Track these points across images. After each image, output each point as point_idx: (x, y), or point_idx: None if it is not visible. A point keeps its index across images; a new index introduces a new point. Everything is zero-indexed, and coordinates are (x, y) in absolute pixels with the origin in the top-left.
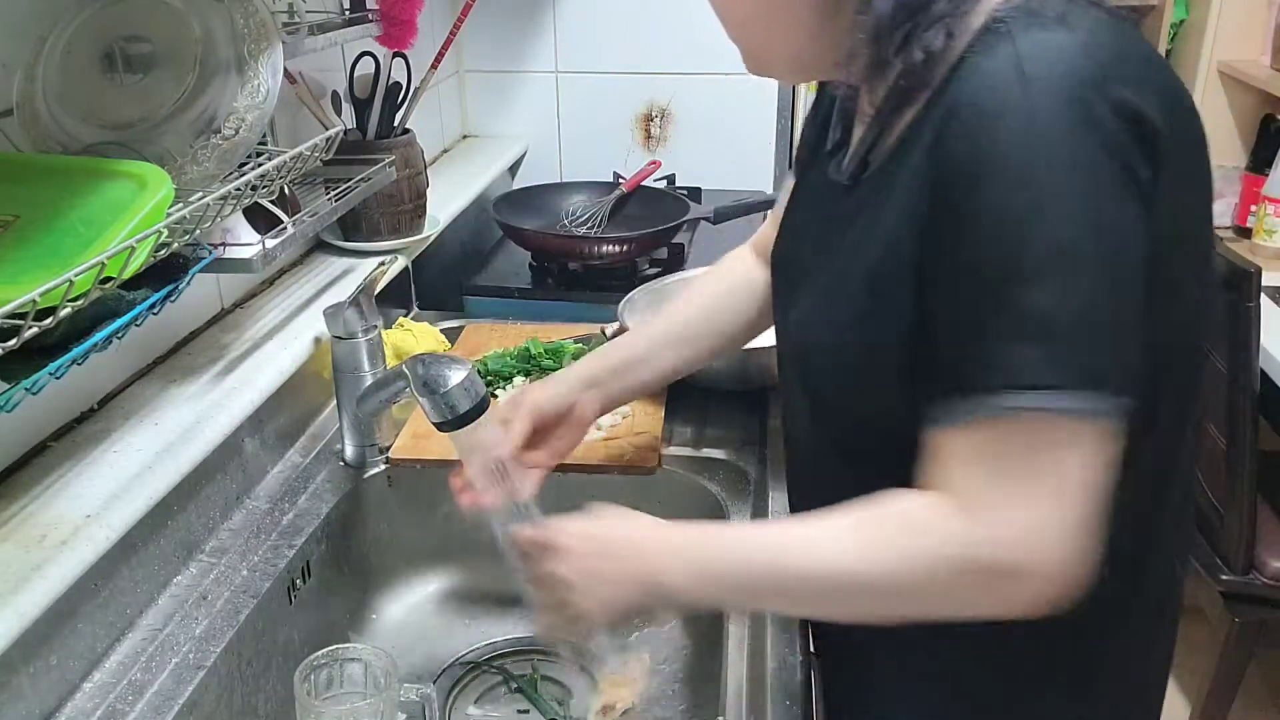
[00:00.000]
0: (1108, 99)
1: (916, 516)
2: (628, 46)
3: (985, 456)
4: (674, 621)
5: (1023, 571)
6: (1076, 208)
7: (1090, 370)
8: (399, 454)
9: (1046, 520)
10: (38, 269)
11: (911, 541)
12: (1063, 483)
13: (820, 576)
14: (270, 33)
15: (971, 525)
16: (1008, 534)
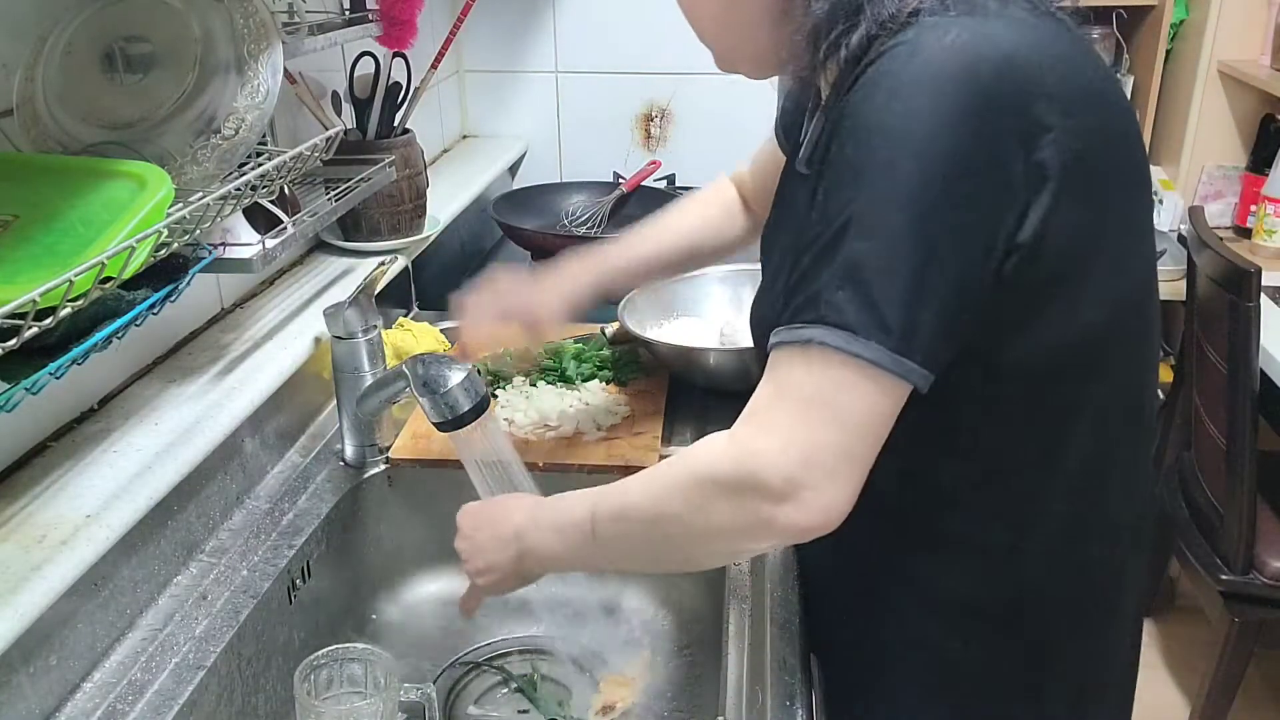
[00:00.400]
0: (985, 84)
1: (690, 451)
2: (628, 46)
3: (775, 381)
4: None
5: (765, 486)
6: (916, 170)
7: (889, 324)
8: (399, 454)
9: (804, 443)
10: (37, 269)
11: (681, 465)
12: (833, 416)
13: (619, 515)
14: (270, 33)
15: (729, 443)
16: (758, 448)
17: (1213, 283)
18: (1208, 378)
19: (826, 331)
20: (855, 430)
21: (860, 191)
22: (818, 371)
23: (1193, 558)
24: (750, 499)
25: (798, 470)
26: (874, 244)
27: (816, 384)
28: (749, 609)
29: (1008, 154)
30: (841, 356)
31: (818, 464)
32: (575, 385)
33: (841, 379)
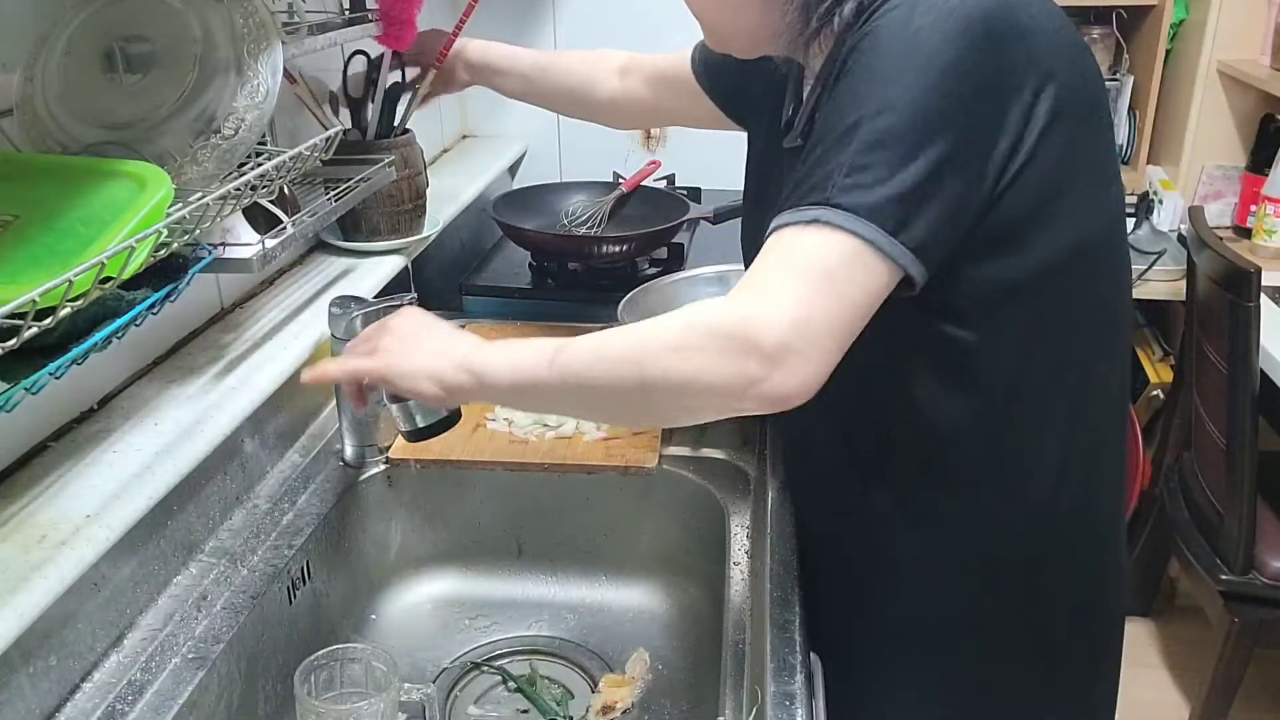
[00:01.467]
0: (984, 24)
1: (689, 307)
2: (627, 46)
3: (777, 254)
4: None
5: (759, 345)
6: (924, 80)
7: (889, 211)
8: (398, 454)
9: (800, 309)
10: (37, 269)
11: (676, 316)
12: (830, 288)
13: (594, 350)
14: (270, 33)
15: (728, 302)
16: (757, 309)
17: (1213, 283)
18: (1208, 378)
19: (831, 211)
20: (848, 304)
21: (871, 96)
22: (820, 247)
23: (1193, 558)
24: (741, 355)
25: (790, 334)
26: (882, 140)
27: (818, 258)
28: (749, 608)
29: (1007, 85)
30: (842, 235)
31: (809, 331)
32: None
33: (841, 255)
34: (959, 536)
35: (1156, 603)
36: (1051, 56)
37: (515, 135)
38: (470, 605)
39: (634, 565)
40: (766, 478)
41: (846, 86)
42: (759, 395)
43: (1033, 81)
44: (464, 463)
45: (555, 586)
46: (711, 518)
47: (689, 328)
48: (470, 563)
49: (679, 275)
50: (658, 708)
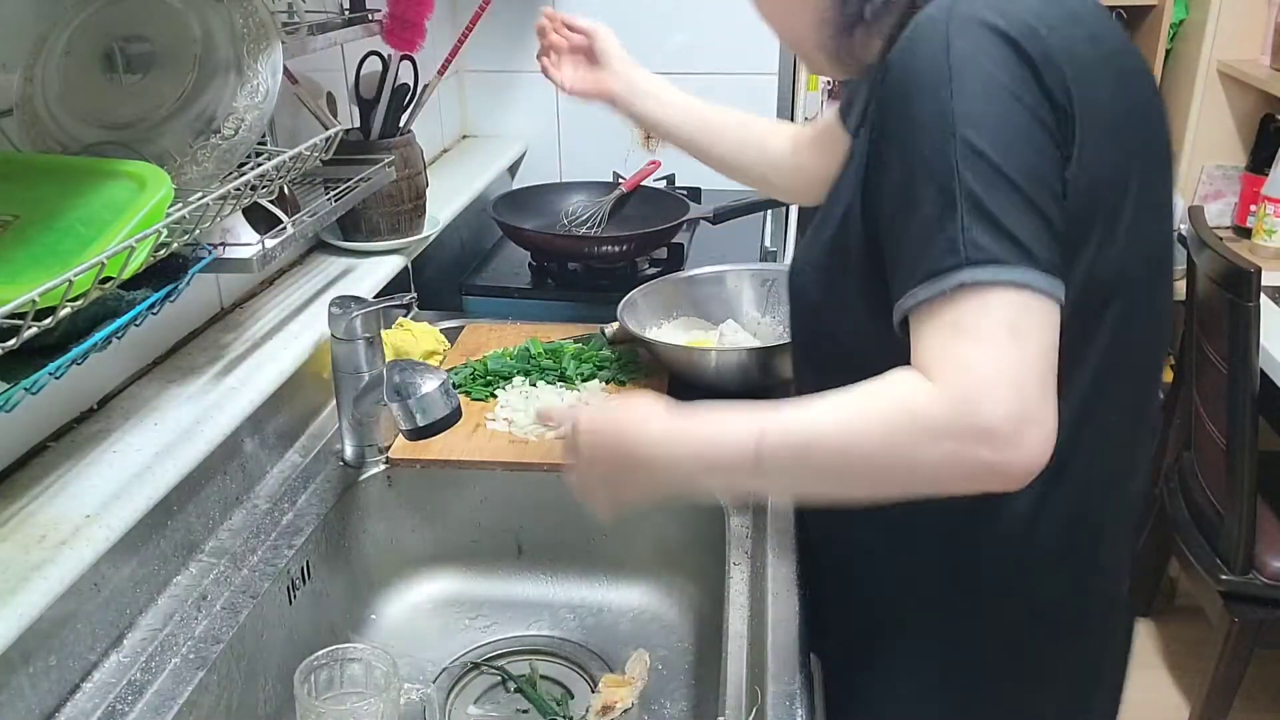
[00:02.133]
0: (1012, 40)
1: (887, 388)
2: (627, 46)
3: (943, 331)
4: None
5: (989, 429)
6: (987, 110)
7: (1018, 245)
8: (398, 454)
9: (998, 375)
10: (37, 269)
11: (881, 404)
12: (1011, 345)
13: (802, 448)
14: (270, 33)
15: (936, 388)
16: (967, 392)
17: (1213, 283)
18: (1208, 378)
19: (976, 270)
20: (1040, 354)
21: (950, 138)
22: (983, 308)
23: (1193, 558)
24: (970, 444)
25: (1016, 404)
26: (982, 180)
27: (990, 319)
28: (749, 608)
29: (1043, 101)
30: (998, 288)
31: (1030, 394)
32: (575, 385)
33: (1008, 308)
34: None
35: (1156, 603)
36: (1078, 79)
37: (515, 135)
38: (470, 605)
39: (634, 565)
40: None
41: (896, 131)
42: (1004, 478)
43: (1065, 105)
44: (464, 463)
45: (555, 586)
46: (711, 518)
47: (908, 426)
48: (470, 563)
49: (679, 275)
50: (658, 708)
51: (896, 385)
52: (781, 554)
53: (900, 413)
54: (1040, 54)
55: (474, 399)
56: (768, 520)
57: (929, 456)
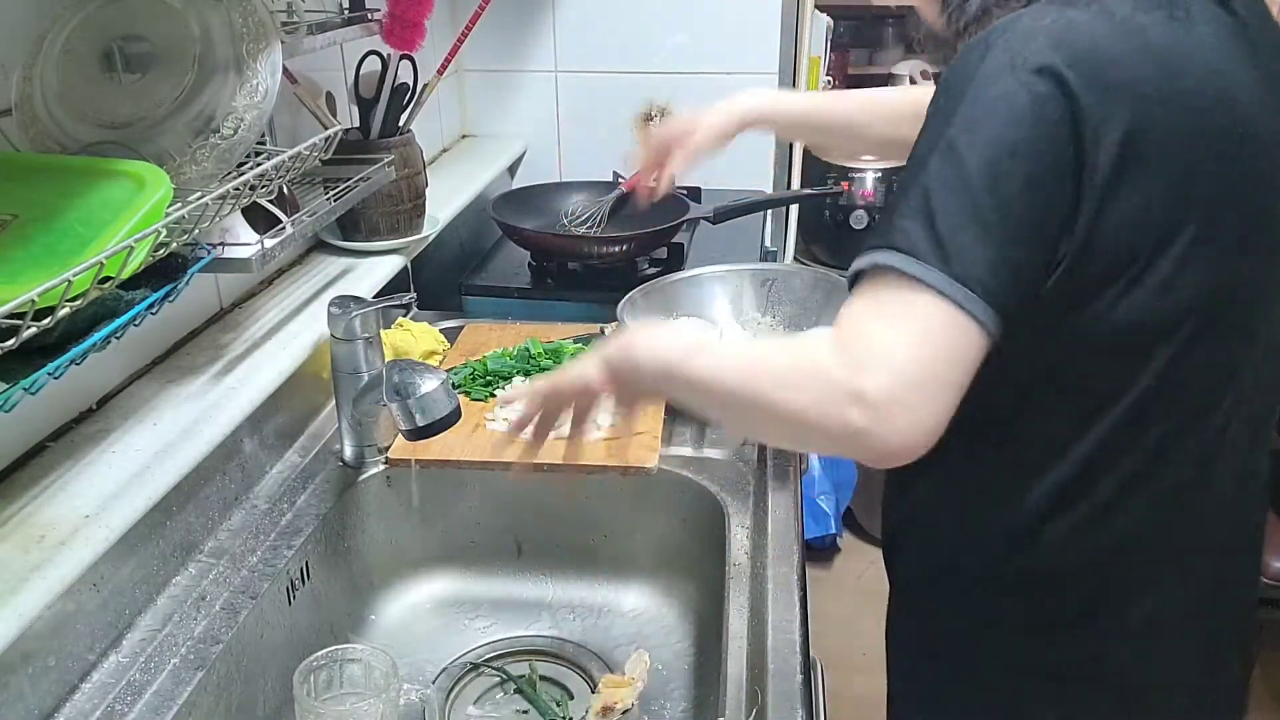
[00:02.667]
0: (1059, 68)
1: (804, 338)
2: (627, 46)
3: (866, 301)
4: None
5: (857, 388)
6: (987, 123)
7: (940, 249)
8: (397, 454)
9: (890, 356)
10: (36, 269)
11: (792, 347)
12: (914, 340)
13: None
14: (269, 32)
15: (837, 344)
16: (858, 356)
17: None
18: None
19: (907, 261)
20: (938, 359)
21: (937, 135)
22: (908, 300)
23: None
24: (843, 401)
25: (895, 385)
26: (948, 184)
27: (909, 311)
28: (749, 608)
29: (1066, 140)
30: (924, 289)
31: (912, 384)
32: None
33: (930, 309)
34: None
35: None
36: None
37: (515, 135)
38: (470, 605)
39: (634, 565)
40: (766, 478)
41: (927, 122)
42: (861, 440)
43: (1100, 145)
44: (464, 463)
45: (555, 587)
46: (711, 518)
47: (797, 361)
48: (470, 563)
49: (679, 275)
50: (658, 708)
51: (810, 337)
52: (781, 554)
53: (802, 356)
54: (1085, 86)
55: (474, 399)
56: (768, 520)
57: (808, 399)
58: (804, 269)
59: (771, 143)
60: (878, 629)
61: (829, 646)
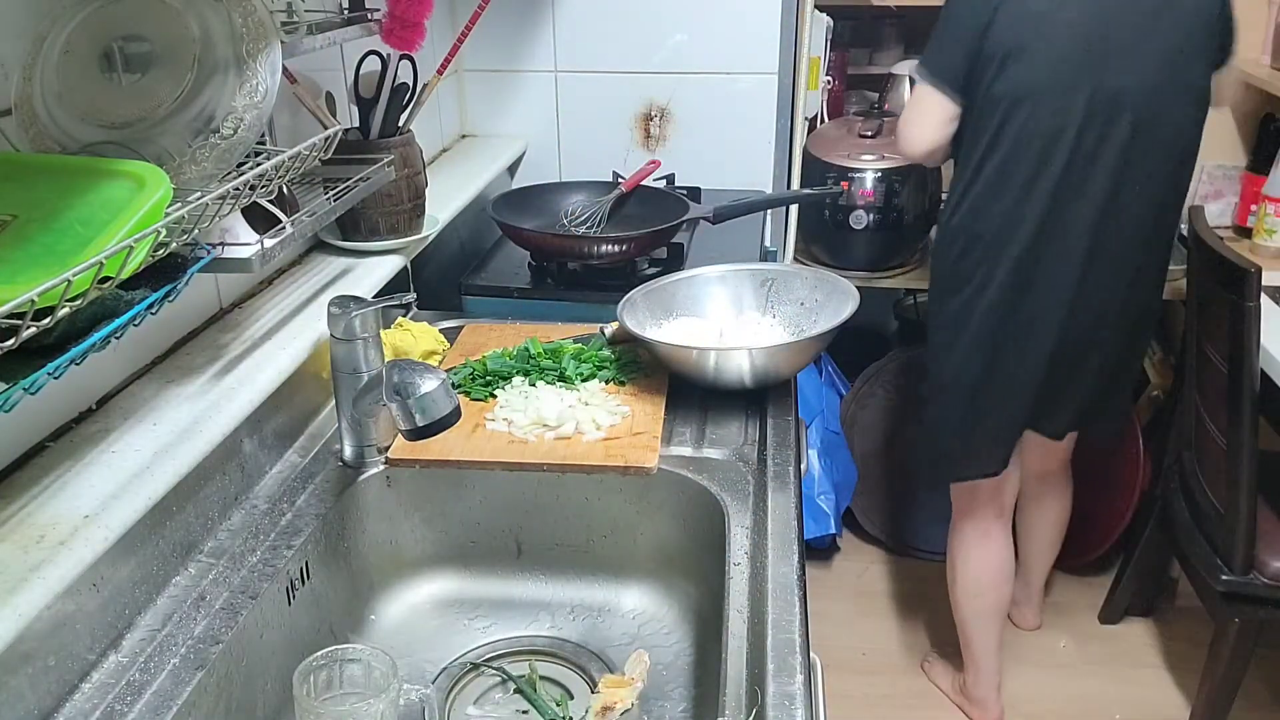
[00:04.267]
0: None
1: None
2: (627, 46)
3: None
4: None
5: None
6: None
7: (936, 63)
8: (397, 454)
9: (907, 117)
10: (35, 269)
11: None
12: (918, 108)
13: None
14: (269, 32)
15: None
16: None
17: (1213, 283)
18: (1208, 378)
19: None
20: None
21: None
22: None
23: (1193, 558)
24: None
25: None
26: (939, 24)
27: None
28: (749, 608)
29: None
30: (922, 81)
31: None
32: (574, 385)
33: (923, 90)
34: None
35: (1157, 603)
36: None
37: (515, 135)
38: (469, 605)
39: (634, 565)
40: (766, 478)
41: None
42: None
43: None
44: (463, 463)
45: (555, 587)
46: (711, 518)
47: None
48: (469, 563)
49: (679, 275)
50: (658, 708)
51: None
52: (782, 554)
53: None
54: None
55: (473, 399)
56: (768, 520)
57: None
58: (804, 269)
59: (771, 142)
60: (878, 629)
61: (829, 646)
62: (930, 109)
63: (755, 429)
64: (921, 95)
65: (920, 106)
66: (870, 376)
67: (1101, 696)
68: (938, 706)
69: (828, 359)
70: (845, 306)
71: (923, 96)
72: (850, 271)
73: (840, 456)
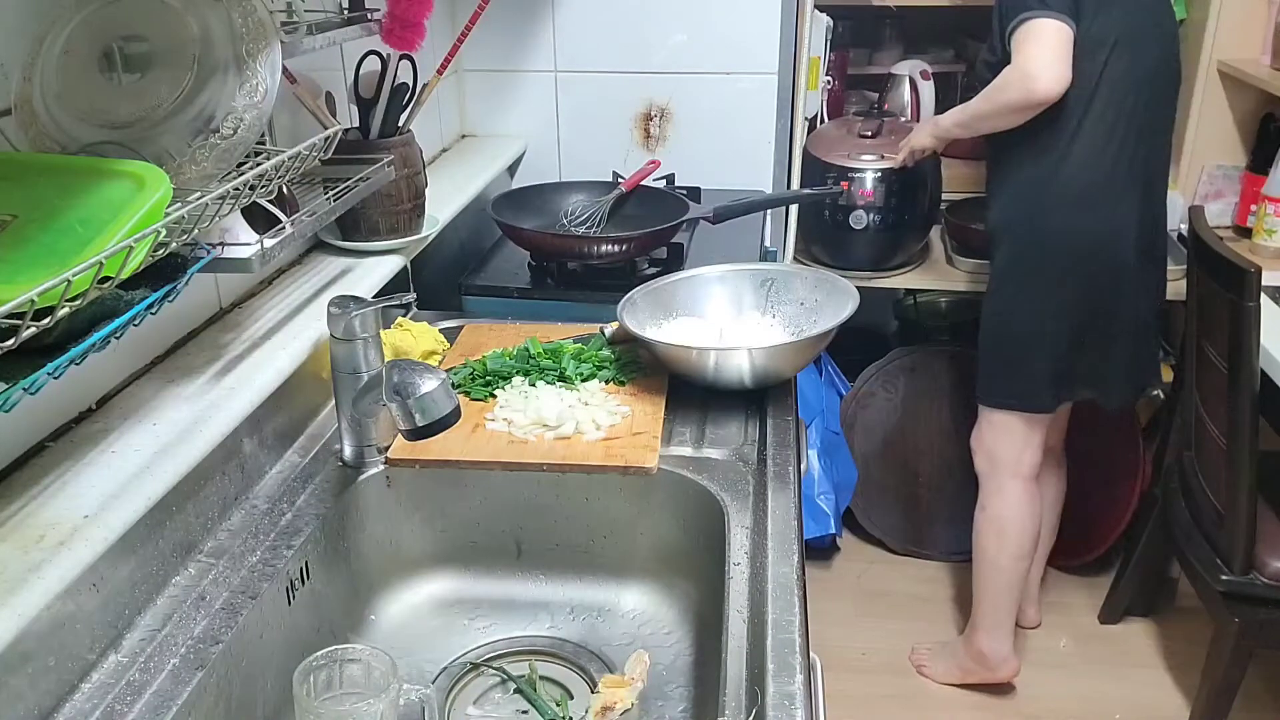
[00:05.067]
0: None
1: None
2: (627, 46)
3: (1014, 48)
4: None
5: (1029, 73)
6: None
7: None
8: (397, 454)
9: (1036, 54)
10: (35, 269)
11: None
12: (1044, 43)
13: (964, 109)
14: (268, 32)
15: (1011, 65)
16: (1022, 60)
17: (1213, 283)
18: (1208, 378)
19: (1032, 13)
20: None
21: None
22: (1034, 28)
23: (1193, 558)
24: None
25: (1039, 66)
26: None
27: (1035, 33)
28: (749, 608)
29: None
30: (1040, 19)
31: (1046, 64)
32: (574, 385)
33: (1043, 27)
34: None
35: (1157, 603)
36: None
37: (515, 135)
38: (469, 605)
39: (634, 566)
40: (766, 478)
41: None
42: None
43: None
44: (463, 463)
45: (554, 587)
46: (711, 518)
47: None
48: (469, 563)
49: (678, 275)
50: (657, 708)
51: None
52: (781, 554)
53: (1001, 77)
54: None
55: (473, 399)
56: (768, 520)
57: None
58: (804, 269)
59: (771, 142)
60: (878, 629)
61: (829, 646)
62: (1059, 39)
63: (755, 429)
64: (1041, 28)
65: (1045, 40)
66: (870, 376)
67: (1101, 696)
68: (938, 706)
69: (828, 359)
70: (845, 306)
71: (1043, 29)
72: (850, 271)
73: (840, 456)
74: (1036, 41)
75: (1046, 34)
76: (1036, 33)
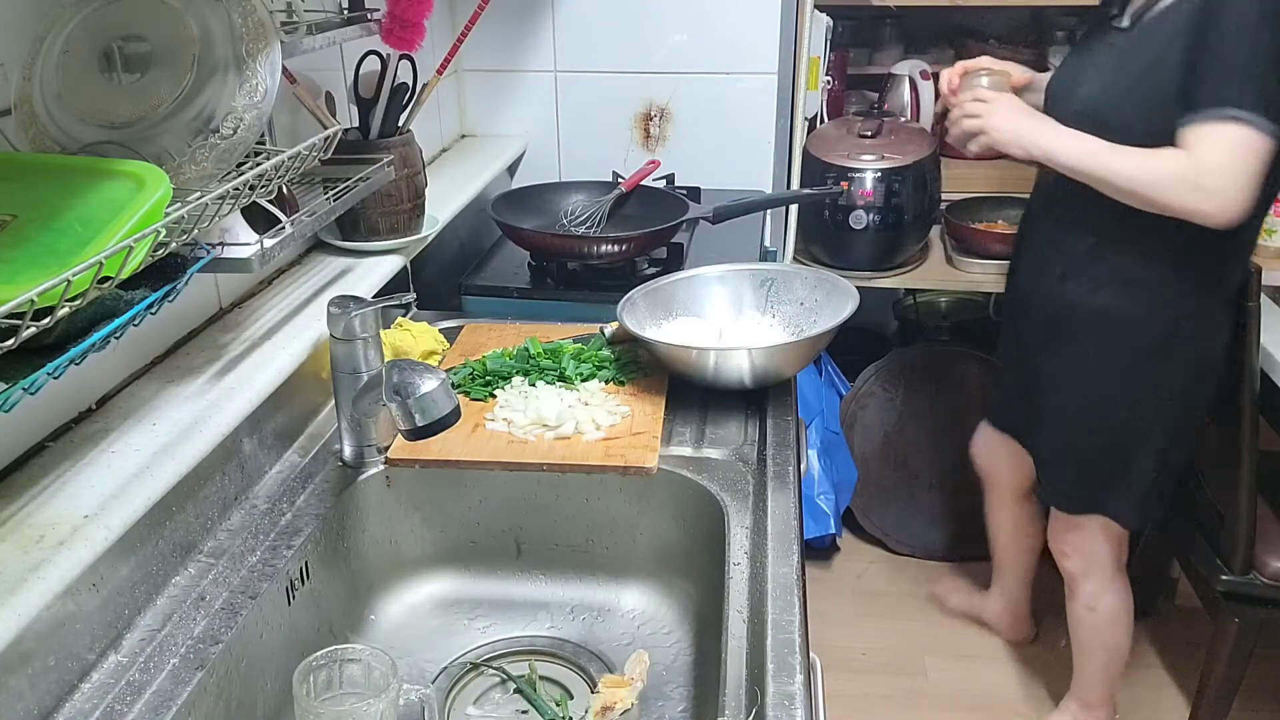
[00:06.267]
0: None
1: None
2: (627, 46)
3: (1199, 140)
4: (674, 638)
5: (1204, 188)
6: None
7: (1261, 101)
8: (397, 454)
9: (1224, 169)
10: (35, 268)
11: (1154, 155)
12: (1239, 164)
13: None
14: (268, 32)
15: (1188, 157)
16: (1204, 166)
17: None
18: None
19: (1240, 111)
20: (1251, 165)
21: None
22: (1226, 132)
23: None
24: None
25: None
26: (1248, 58)
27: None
28: (749, 608)
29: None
30: (1237, 123)
31: (1231, 182)
32: (574, 385)
33: (1237, 135)
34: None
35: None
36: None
37: (514, 135)
38: (469, 605)
39: (633, 566)
40: (766, 478)
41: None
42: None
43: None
44: (463, 463)
45: (554, 587)
46: (711, 518)
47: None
48: (469, 563)
49: (678, 275)
50: (657, 708)
51: (1171, 150)
52: (781, 554)
53: (1166, 159)
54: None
55: (473, 399)
56: (768, 520)
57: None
58: (803, 269)
59: (771, 142)
60: (878, 629)
61: (829, 646)
62: (1260, 164)
63: (755, 429)
64: (1247, 145)
65: (1242, 160)
66: (870, 376)
67: None
68: (938, 706)
69: (828, 359)
70: (845, 306)
71: (1248, 146)
72: (850, 271)
73: (840, 456)
74: (1231, 153)
75: (1250, 154)
76: (1238, 145)
